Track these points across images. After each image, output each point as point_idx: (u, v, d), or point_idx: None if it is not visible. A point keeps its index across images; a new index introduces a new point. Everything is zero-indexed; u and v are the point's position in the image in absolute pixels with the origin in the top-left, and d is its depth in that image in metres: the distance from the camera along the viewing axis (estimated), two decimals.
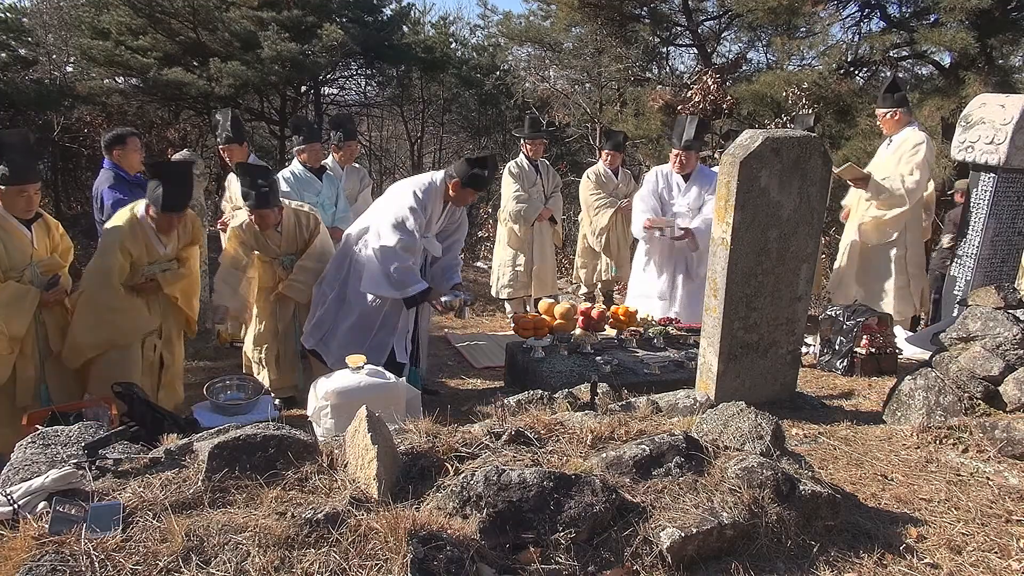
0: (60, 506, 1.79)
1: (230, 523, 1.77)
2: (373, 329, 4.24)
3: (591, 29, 11.51)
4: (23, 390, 3.62)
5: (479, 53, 15.84)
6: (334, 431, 3.24)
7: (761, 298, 3.42)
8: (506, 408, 2.89)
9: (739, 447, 2.33)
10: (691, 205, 5.41)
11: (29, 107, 9.96)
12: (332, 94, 14.67)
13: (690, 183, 5.44)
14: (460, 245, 4.69)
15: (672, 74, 12.49)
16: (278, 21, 10.69)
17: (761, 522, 1.98)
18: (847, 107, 9.02)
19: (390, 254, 4.03)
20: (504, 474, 1.89)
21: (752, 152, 3.16)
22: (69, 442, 2.30)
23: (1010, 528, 2.23)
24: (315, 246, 4.56)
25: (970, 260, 5.11)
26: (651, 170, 5.79)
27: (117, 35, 10.71)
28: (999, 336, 3.21)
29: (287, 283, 4.46)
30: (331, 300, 4.37)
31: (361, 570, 1.65)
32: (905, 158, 5.12)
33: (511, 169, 6.64)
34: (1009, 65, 8.71)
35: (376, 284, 4.13)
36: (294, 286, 4.47)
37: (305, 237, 4.54)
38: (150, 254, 3.92)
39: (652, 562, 1.83)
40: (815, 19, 9.45)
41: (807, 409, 3.60)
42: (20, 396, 3.61)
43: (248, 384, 3.95)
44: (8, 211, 3.54)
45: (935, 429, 2.92)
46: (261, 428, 2.10)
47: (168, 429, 3.07)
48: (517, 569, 1.74)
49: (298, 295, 4.49)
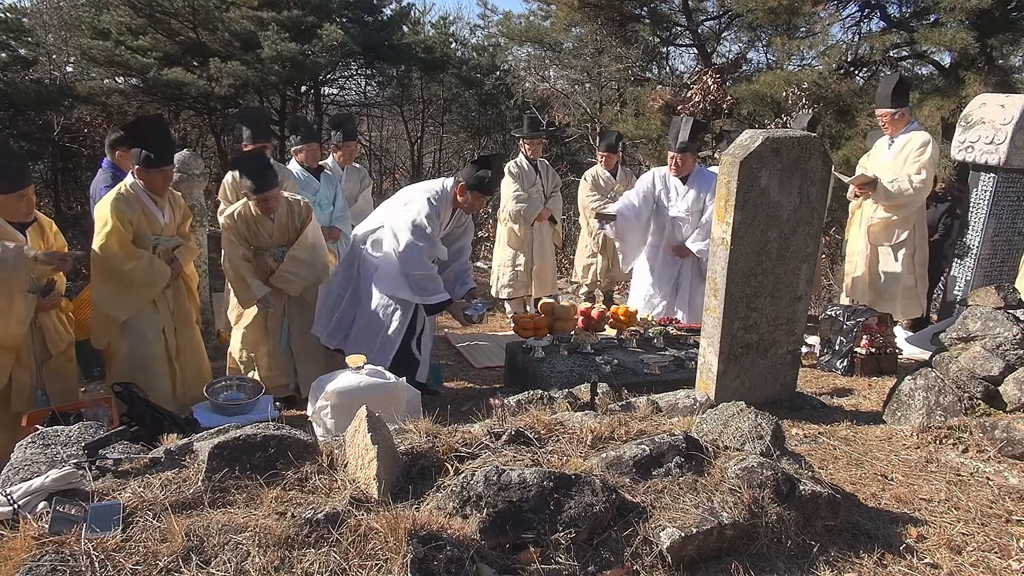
0: (60, 506, 1.79)
1: (230, 523, 1.77)
2: (383, 328, 4.27)
3: (591, 29, 11.51)
4: (19, 396, 3.61)
5: (479, 53, 15.84)
6: (334, 431, 3.25)
7: (761, 298, 3.42)
8: (506, 408, 2.89)
9: (739, 447, 2.33)
10: (691, 208, 5.40)
11: (29, 107, 9.96)
12: (332, 94, 14.68)
13: (688, 185, 5.42)
14: (468, 251, 4.72)
15: (672, 74, 12.50)
16: (278, 21, 10.70)
17: (761, 522, 1.98)
18: (847, 107, 9.02)
19: (413, 260, 4.07)
20: (504, 474, 1.89)
21: (752, 152, 3.16)
22: (69, 442, 2.30)
23: (1010, 528, 2.23)
24: (307, 235, 4.51)
25: (970, 260, 5.11)
26: (648, 171, 5.76)
27: (117, 35, 10.71)
28: (999, 336, 3.21)
29: (278, 274, 4.38)
30: (346, 301, 4.41)
31: (361, 570, 1.65)
32: (912, 158, 5.08)
33: (510, 169, 6.65)
34: (1009, 65, 8.71)
35: (395, 286, 4.17)
36: (285, 277, 4.39)
37: (297, 225, 4.50)
38: (151, 225, 3.91)
39: (652, 562, 1.83)
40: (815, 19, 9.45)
41: (807, 409, 3.60)
42: (15, 402, 3.60)
43: (248, 384, 3.96)
44: (8, 218, 3.53)
45: (935, 429, 2.92)
46: (261, 428, 2.10)
47: (168, 429, 3.08)
48: (517, 569, 1.74)
49: (289, 287, 4.42)
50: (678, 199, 5.46)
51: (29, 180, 3.60)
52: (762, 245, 3.33)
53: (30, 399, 3.66)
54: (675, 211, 5.45)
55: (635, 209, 5.49)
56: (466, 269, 4.63)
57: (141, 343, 3.92)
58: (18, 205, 3.53)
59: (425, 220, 4.11)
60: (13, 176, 3.49)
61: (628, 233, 5.56)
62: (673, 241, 5.52)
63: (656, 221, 5.57)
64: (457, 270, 4.58)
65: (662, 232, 5.55)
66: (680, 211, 5.43)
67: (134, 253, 3.81)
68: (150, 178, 3.86)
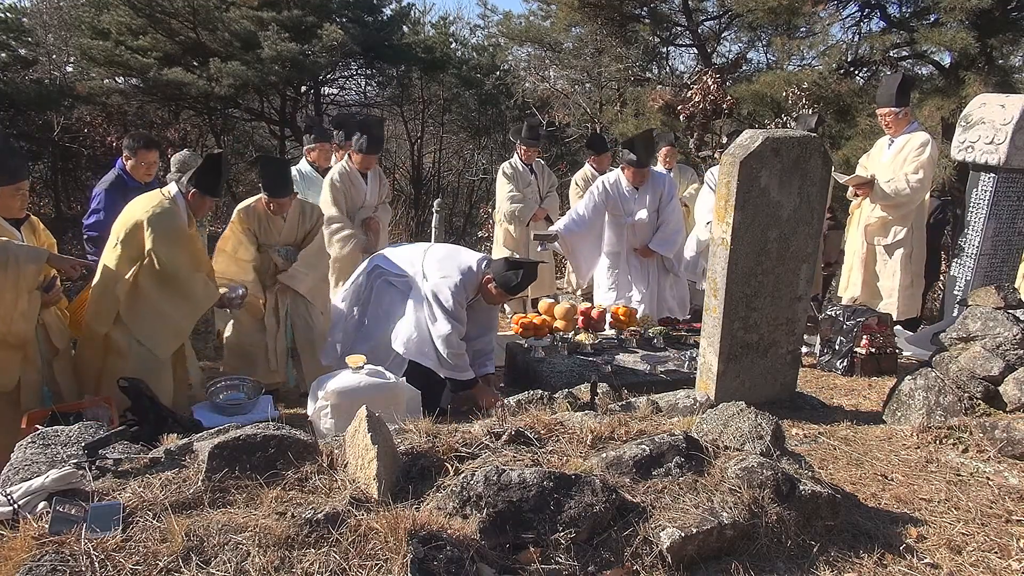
0: (60, 506, 1.79)
1: (230, 523, 1.77)
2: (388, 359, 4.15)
3: (591, 29, 11.51)
4: (28, 394, 3.61)
5: (479, 53, 15.84)
6: (334, 431, 3.25)
7: (761, 298, 3.42)
8: (506, 408, 2.90)
9: (739, 447, 2.33)
10: (650, 208, 5.42)
11: (29, 107, 9.97)
12: (332, 94, 14.69)
13: (643, 189, 5.42)
14: (493, 331, 4.45)
15: (672, 74, 12.50)
16: (278, 21, 10.70)
17: (761, 522, 1.98)
18: (847, 107, 9.01)
19: (449, 342, 3.93)
20: (504, 474, 1.89)
21: (752, 152, 3.16)
22: (69, 442, 2.30)
23: (1010, 528, 2.23)
24: (317, 241, 4.66)
25: (970, 260, 5.11)
26: (596, 181, 5.66)
27: (117, 35, 10.72)
28: (999, 336, 3.21)
29: (290, 273, 4.50)
30: (353, 320, 4.38)
31: (361, 570, 1.65)
32: (911, 158, 5.08)
33: (505, 170, 6.64)
34: (1009, 65, 8.70)
35: (422, 356, 4.00)
36: (297, 275, 4.52)
37: (307, 228, 4.64)
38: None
39: (652, 562, 1.83)
40: (815, 19, 9.45)
41: (807, 409, 3.60)
42: (25, 401, 3.59)
43: (248, 384, 3.96)
44: (3, 214, 3.55)
45: (935, 429, 2.92)
46: (261, 428, 2.10)
47: (171, 429, 3.08)
48: (517, 569, 1.74)
49: (299, 285, 4.55)
50: (635, 205, 5.43)
51: (27, 175, 3.65)
52: (762, 245, 3.32)
53: (38, 396, 3.66)
54: (638, 216, 5.42)
55: (585, 222, 5.44)
56: (488, 351, 4.34)
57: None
58: (13, 199, 3.56)
59: (455, 304, 3.95)
60: (12, 169, 3.53)
61: (579, 247, 5.52)
62: (636, 244, 5.51)
63: (613, 229, 5.54)
64: (478, 349, 4.28)
65: (622, 238, 5.53)
66: (643, 215, 5.41)
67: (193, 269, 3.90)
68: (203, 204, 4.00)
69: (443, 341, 3.93)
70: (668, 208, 5.46)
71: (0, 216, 3.56)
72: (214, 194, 4.04)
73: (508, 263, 4.03)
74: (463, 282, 3.98)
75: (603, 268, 5.67)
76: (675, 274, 5.67)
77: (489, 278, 4.01)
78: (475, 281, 4.04)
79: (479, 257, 4.16)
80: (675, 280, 5.70)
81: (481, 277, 4.04)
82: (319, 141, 5.65)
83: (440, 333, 3.93)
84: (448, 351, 3.93)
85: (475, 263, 4.07)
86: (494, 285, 3.98)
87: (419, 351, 4.00)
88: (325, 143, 5.73)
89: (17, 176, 3.56)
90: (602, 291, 5.71)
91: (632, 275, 5.57)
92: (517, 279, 3.93)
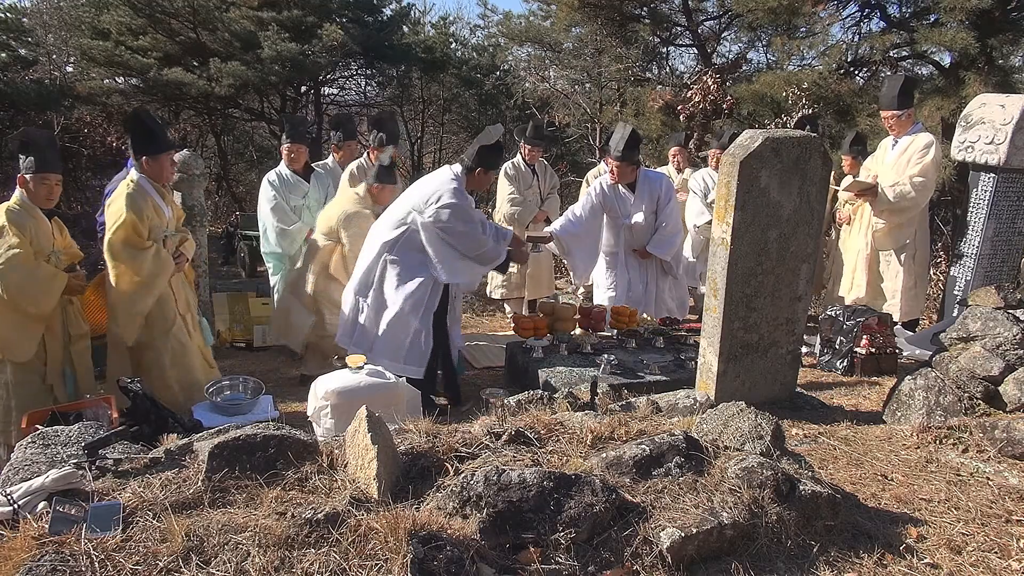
0: (60, 506, 1.79)
1: (230, 523, 1.77)
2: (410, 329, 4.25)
3: (591, 29, 11.49)
4: (53, 368, 3.84)
5: (479, 53, 15.83)
6: (334, 431, 3.25)
7: (761, 298, 3.42)
8: (506, 408, 2.90)
9: (739, 447, 2.33)
10: (647, 210, 5.38)
11: (29, 107, 9.96)
12: (332, 94, 14.68)
13: (639, 191, 5.39)
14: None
15: (672, 74, 12.49)
16: (278, 21, 10.69)
17: (761, 522, 1.98)
18: (847, 107, 9.01)
19: (474, 243, 4.26)
20: (504, 474, 1.89)
21: (752, 152, 3.16)
22: (69, 442, 2.30)
23: (1010, 528, 2.23)
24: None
25: (970, 260, 5.11)
26: (594, 182, 5.63)
27: (117, 35, 10.71)
28: (999, 336, 3.21)
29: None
30: (369, 308, 4.36)
31: (361, 570, 1.65)
32: (915, 159, 5.07)
33: (507, 171, 6.60)
34: (1009, 65, 8.69)
35: (458, 273, 4.31)
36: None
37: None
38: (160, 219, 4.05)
39: (652, 562, 1.83)
40: (815, 19, 9.44)
41: (807, 409, 3.60)
42: (50, 373, 3.82)
43: (248, 384, 3.96)
44: (32, 201, 3.73)
45: (935, 429, 2.92)
46: (261, 428, 2.10)
47: (171, 429, 3.08)
48: (517, 569, 1.74)
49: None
50: (632, 207, 5.41)
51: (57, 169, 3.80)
52: (762, 245, 3.33)
53: (61, 372, 3.88)
54: (635, 218, 5.39)
55: (582, 223, 5.40)
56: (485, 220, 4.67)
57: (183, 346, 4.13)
58: (39, 189, 3.71)
59: (463, 202, 4.21)
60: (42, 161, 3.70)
61: (575, 248, 5.47)
62: (634, 245, 5.50)
63: (611, 230, 5.53)
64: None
65: (619, 239, 5.51)
66: (639, 218, 5.39)
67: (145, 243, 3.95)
68: (159, 164, 4.03)
69: (471, 245, 4.24)
70: (666, 210, 5.44)
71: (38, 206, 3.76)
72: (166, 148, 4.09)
73: (481, 149, 4.30)
74: (455, 190, 4.20)
75: (602, 268, 5.67)
76: (674, 276, 5.67)
77: (476, 171, 4.30)
78: (462, 185, 4.29)
79: (452, 169, 4.37)
80: (674, 282, 5.70)
81: (465, 178, 4.30)
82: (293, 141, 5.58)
83: (466, 240, 4.22)
84: (478, 252, 4.26)
85: (452, 173, 4.31)
86: (482, 171, 4.30)
87: (457, 273, 4.28)
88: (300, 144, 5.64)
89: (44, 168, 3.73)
90: (601, 291, 5.70)
91: (631, 276, 5.57)
92: (497, 149, 4.35)
